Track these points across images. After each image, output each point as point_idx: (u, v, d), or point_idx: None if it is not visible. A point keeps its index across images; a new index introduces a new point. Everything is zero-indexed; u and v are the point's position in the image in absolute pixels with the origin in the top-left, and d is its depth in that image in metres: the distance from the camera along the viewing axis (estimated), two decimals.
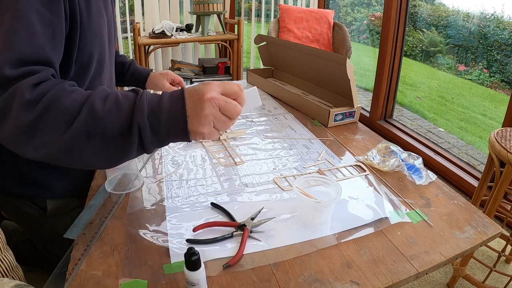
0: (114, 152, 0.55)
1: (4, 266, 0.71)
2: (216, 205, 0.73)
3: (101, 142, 0.54)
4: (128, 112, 0.55)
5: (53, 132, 0.53)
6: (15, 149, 0.55)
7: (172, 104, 0.56)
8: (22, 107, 0.52)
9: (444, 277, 1.39)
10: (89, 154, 0.55)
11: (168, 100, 0.57)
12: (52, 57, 0.60)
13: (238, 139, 1.03)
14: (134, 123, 0.54)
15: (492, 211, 1.19)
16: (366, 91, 4.15)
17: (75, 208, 0.89)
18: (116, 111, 0.54)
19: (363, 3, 5.52)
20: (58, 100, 0.53)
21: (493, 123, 3.27)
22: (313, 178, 0.74)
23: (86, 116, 0.53)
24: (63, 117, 0.53)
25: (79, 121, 0.52)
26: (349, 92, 1.13)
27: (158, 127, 0.55)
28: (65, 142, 0.53)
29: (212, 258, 0.60)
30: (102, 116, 0.53)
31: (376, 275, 0.58)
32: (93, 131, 0.53)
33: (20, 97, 0.52)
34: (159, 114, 0.55)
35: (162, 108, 0.56)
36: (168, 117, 0.56)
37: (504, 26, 3.27)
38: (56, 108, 0.53)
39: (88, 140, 0.53)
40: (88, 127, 0.53)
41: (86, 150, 0.54)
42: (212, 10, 2.60)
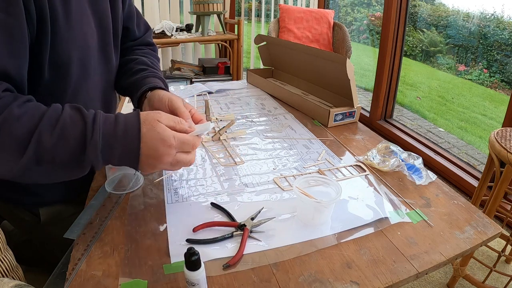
0: (64, 173, 0.57)
1: (4, 266, 0.71)
2: (216, 205, 0.73)
3: (52, 168, 0.55)
4: (79, 145, 0.55)
5: (3, 159, 0.52)
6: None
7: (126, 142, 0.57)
8: None
9: (444, 277, 1.39)
10: (40, 176, 0.56)
11: (123, 138, 0.57)
12: (7, 65, 0.58)
13: (238, 139, 1.03)
14: (86, 158, 0.55)
15: (492, 211, 1.19)
16: (366, 91, 4.15)
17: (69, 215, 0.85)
18: (64, 144, 0.54)
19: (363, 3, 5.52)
20: (8, 123, 0.52)
21: (493, 123, 3.27)
22: (313, 178, 0.74)
23: (35, 149, 0.53)
24: (13, 146, 0.52)
25: (28, 153, 0.52)
26: (349, 92, 1.13)
27: (112, 160, 0.58)
28: (16, 170, 0.53)
29: (212, 258, 0.60)
30: (51, 149, 0.53)
31: (376, 275, 0.58)
32: (43, 160, 0.53)
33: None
34: (113, 151, 0.57)
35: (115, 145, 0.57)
36: (120, 155, 0.57)
37: (504, 26, 3.27)
38: (5, 135, 0.52)
39: (38, 166, 0.54)
40: (37, 157, 0.53)
41: (37, 173, 0.55)
42: (212, 10, 2.60)
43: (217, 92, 1.45)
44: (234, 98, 1.39)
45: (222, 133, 1.03)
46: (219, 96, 1.41)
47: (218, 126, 1.11)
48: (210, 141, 1.02)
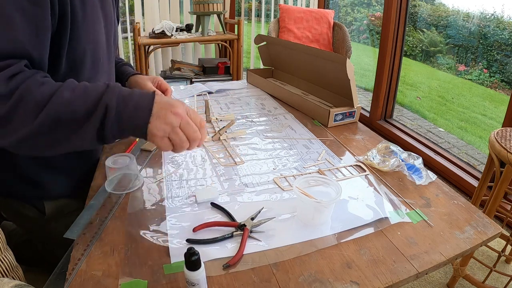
0: (80, 134, 0.59)
1: (4, 266, 0.71)
2: (216, 205, 0.73)
3: (69, 125, 0.58)
4: (98, 94, 0.59)
5: (23, 122, 0.56)
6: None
7: (142, 98, 0.62)
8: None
9: (444, 277, 1.39)
10: (62, 138, 0.59)
11: (139, 94, 0.62)
12: (30, 50, 0.62)
13: (238, 139, 1.03)
14: (102, 102, 0.58)
15: (492, 211, 1.19)
16: (366, 91, 4.15)
17: (73, 211, 0.88)
18: (84, 96, 0.59)
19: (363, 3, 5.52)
20: (30, 93, 0.57)
21: (493, 123, 3.27)
22: (313, 178, 0.74)
23: (55, 104, 0.57)
24: (33, 108, 0.56)
25: (46, 111, 0.56)
26: (349, 92, 1.13)
27: (123, 112, 0.59)
28: (34, 130, 0.56)
29: (212, 258, 0.60)
30: (70, 102, 0.58)
31: (376, 275, 0.58)
32: (60, 117, 0.57)
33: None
34: (128, 101, 0.60)
35: (132, 97, 0.61)
36: (135, 106, 0.60)
37: (504, 26, 3.27)
38: (27, 101, 0.56)
39: (57, 124, 0.57)
40: (56, 114, 0.57)
41: (57, 134, 0.58)
42: (212, 10, 2.60)
43: (217, 92, 1.45)
44: (234, 98, 1.39)
45: (222, 133, 1.03)
46: (219, 96, 1.41)
47: (218, 126, 1.11)
48: (210, 141, 1.02)
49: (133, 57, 2.89)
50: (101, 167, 0.87)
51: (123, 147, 0.97)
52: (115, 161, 0.81)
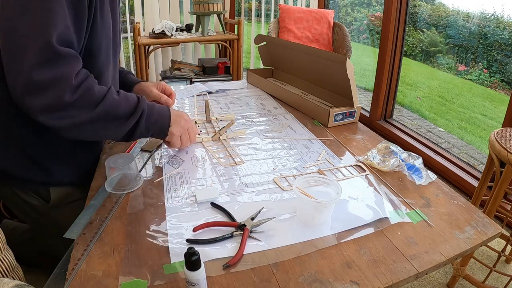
0: (118, 128, 0.77)
1: (4, 266, 0.71)
2: (216, 205, 0.73)
3: (113, 120, 0.75)
4: (135, 101, 0.80)
5: (84, 110, 0.70)
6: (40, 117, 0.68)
7: (162, 109, 0.87)
8: (68, 89, 0.67)
9: (444, 277, 1.39)
10: (103, 128, 0.75)
11: (159, 106, 0.87)
12: (78, 43, 0.74)
13: (238, 139, 1.03)
14: (139, 107, 0.79)
15: (492, 211, 1.19)
16: (366, 91, 4.15)
17: (77, 200, 0.91)
18: (125, 100, 0.78)
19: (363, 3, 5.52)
20: (92, 88, 0.72)
21: (493, 123, 3.27)
22: (313, 178, 0.74)
23: (108, 101, 0.74)
24: (94, 101, 0.72)
25: (103, 105, 0.73)
26: (349, 92, 1.13)
27: (151, 117, 0.82)
28: (89, 119, 0.71)
29: (212, 258, 0.60)
30: (118, 102, 0.76)
31: (376, 275, 0.58)
32: (110, 113, 0.74)
33: (68, 81, 0.67)
34: (153, 109, 0.83)
35: (155, 107, 0.85)
36: (158, 113, 0.85)
37: (504, 26, 3.26)
38: (89, 94, 0.71)
39: (106, 118, 0.74)
40: (108, 109, 0.73)
41: (102, 125, 0.74)
42: (212, 10, 2.60)
43: (217, 92, 1.45)
44: (234, 98, 1.39)
45: (222, 133, 1.03)
46: (219, 96, 1.41)
47: (218, 126, 1.11)
48: (210, 141, 1.02)
49: (133, 57, 2.89)
50: (101, 167, 0.87)
51: (123, 147, 0.97)
52: (115, 161, 0.81)
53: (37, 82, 0.65)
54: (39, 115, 0.67)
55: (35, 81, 0.64)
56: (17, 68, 0.65)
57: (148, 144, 0.98)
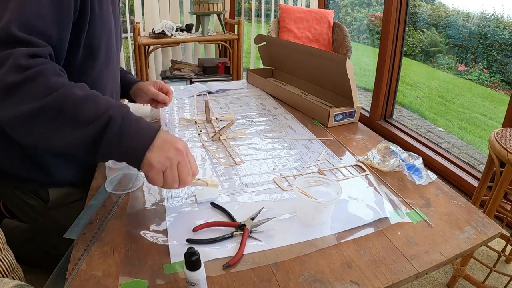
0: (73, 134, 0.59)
1: (4, 266, 0.71)
2: (216, 205, 0.73)
3: (68, 121, 0.58)
4: (107, 105, 0.60)
5: (30, 97, 0.57)
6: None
7: (147, 126, 0.62)
8: (12, 68, 0.56)
9: (444, 277, 1.39)
10: (52, 129, 0.59)
11: (145, 122, 0.63)
12: (53, 34, 0.65)
13: (238, 139, 1.03)
14: (107, 113, 0.59)
15: (492, 211, 1.19)
16: (366, 91, 4.15)
17: (76, 200, 0.91)
18: (93, 101, 0.60)
19: (363, 3, 5.52)
20: (45, 75, 0.59)
21: (493, 123, 3.27)
22: (313, 178, 0.74)
23: (63, 96, 0.58)
24: (43, 89, 0.58)
25: (54, 97, 0.58)
26: (349, 92, 1.13)
27: (125, 131, 0.60)
28: (36, 109, 0.57)
29: (212, 258, 0.60)
30: (79, 100, 0.59)
31: (376, 275, 0.58)
32: (64, 109, 0.58)
33: (15, 60, 0.57)
34: (133, 123, 0.61)
35: (138, 122, 0.62)
36: (138, 130, 0.61)
37: (504, 26, 3.26)
38: (40, 81, 0.58)
39: (57, 114, 0.58)
40: (61, 104, 0.58)
41: (51, 125, 0.58)
42: (212, 10, 2.60)
43: (217, 92, 1.45)
44: (234, 98, 1.39)
45: (222, 133, 1.03)
46: (219, 96, 1.41)
47: (218, 126, 1.11)
48: (210, 141, 1.02)
49: (133, 57, 2.89)
50: (101, 167, 0.87)
51: None
52: (115, 161, 0.81)
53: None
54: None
55: None
56: None
57: None
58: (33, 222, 0.98)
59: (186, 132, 1.07)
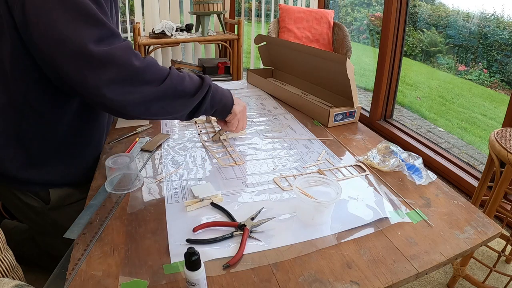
0: (184, 105, 0.79)
1: (4, 266, 0.71)
2: (216, 205, 0.73)
3: (180, 96, 0.77)
4: (199, 79, 0.82)
5: (152, 80, 0.71)
6: (107, 93, 0.66)
7: (224, 90, 0.90)
8: (132, 56, 0.68)
9: (444, 277, 1.39)
10: (170, 105, 0.76)
11: (221, 87, 0.89)
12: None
13: (238, 139, 1.03)
14: (205, 83, 0.81)
15: (492, 211, 1.19)
16: (366, 91, 4.14)
17: (76, 201, 0.91)
18: (189, 78, 0.79)
19: (363, 3, 5.52)
20: (155, 63, 0.73)
21: (493, 123, 3.27)
22: (313, 178, 0.74)
23: (174, 77, 0.74)
24: (159, 75, 0.72)
25: (170, 79, 0.73)
26: (349, 92, 1.13)
27: (217, 94, 0.85)
28: (157, 93, 0.72)
29: (212, 258, 0.60)
30: (182, 78, 0.77)
31: (376, 275, 0.58)
32: (177, 88, 0.75)
33: (129, 51, 0.68)
34: (217, 88, 0.87)
35: (218, 87, 0.88)
36: (222, 92, 0.89)
37: (504, 26, 3.26)
38: (155, 67, 0.72)
39: (173, 93, 0.75)
40: (174, 84, 0.74)
41: (169, 102, 0.75)
42: (212, 10, 2.60)
43: None
44: None
45: (222, 133, 1.03)
46: None
47: (218, 126, 1.11)
48: (210, 141, 1.02)
49: None
50: (101, 167, 0.87)
51: (123, 147, 0.97)
52: (115, 161, 0.81)
53: (101, 54, 0.64)
54: (107, 90, 0.66)
55: (98, 53, 0.64)
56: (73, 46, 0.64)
57: (148, 144, 0.98)
58: (33, 223, 0.98)
59: (186, 132, 1.07)
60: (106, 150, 0.95)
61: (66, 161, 0.88)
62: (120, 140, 1.01)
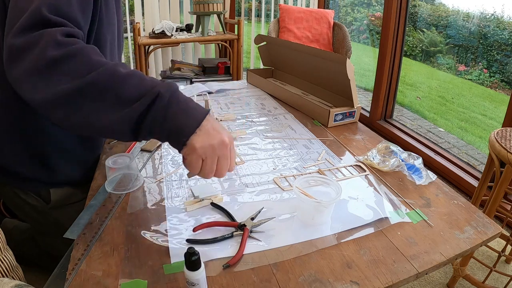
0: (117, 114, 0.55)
1: (4, 266, 0.71)
2: (216, 205, 0.73)
3: (112, 100, 0.54)
4: (154, 82, 0.56)
5: (72, 73, 0.53)
6: (24, 88, 0.55)
7: (197, 107, 0.58)
8: (51, 44, 0.53)
9: (444, 277, 1.39)
10: (96, 110, 0.54)
11: (195, 104, 0.59)
12: (81, 23, 0.64)
13: (238, 139, 1.03)
14: (155, 89, 0.55)
15: (492, 211, 1.19)
16: (366, 91, 4.14)
17: (76, 201, 0.91)
18: (139, 79, 0.56)
19: (363, 3, 5.52)
20: (86, 53, 0.55)
21: (493, 123, 3.27)
22: (313, 178, 0.74)
23: (106, 73, 0.54)
24: (85, 67, 0.54)
25: (97, 74, 0.54)
26: (349, 92, 1.13)
27: (173, 108, 0.55)
28: (79, 87, 0.53)
29: (212, 258, 0.60)
30: (124, 78, 0.55)
31: (376, 275, 0.58)
32: (108, 87, 0.54)
33: (51, 37, 0.54)
34: (181, 102, 0.56)
35: (187, 102, 0.57)
36: (186, 110, 0.56)
37: (504, 26, 3.26)
38: (82, 58, 0.54)
39: (101, 92, 0.54)
40: (105, 81, 0.54)
41: (95, 104, 0.54)
42: (212, 10, 2.60)
43: (217, 92, 1.44)
44: (234, 98, 1.39)
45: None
46: (219, 96, 1.41)
47: None
48: None
49: (133, 57, 2.89)
50: (101, 167, 0.87)
51: (123, 147, 0.97)
52: (115, 161, 0.81)
53: (19, 44, 0.54)
54: (23, 85, 0.55)
55: (17, 43, 0.54)
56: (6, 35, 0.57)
57: (148, 144, 0.98)
58: (35, 222, 0.98)
59: None
60: (106, 150, 0.95)
61: (67, 160, 0.88)
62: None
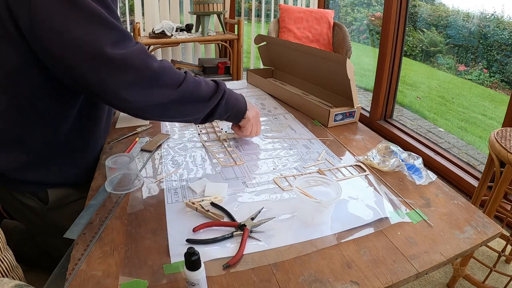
0: (200, 109, 0.80)
1: (4, 266, 0.71)
2: (216, 205, 0.73)
3: (196, 101, 0.78)
4: (214, 84, 0.83)
5: (168, 84, 0.72)
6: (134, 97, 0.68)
7: (237, 94, 0.91)
8: (150, 58, 0.69)
9: (444, 277, 1.39)
10: (186, 109, 0.77)
11: (235, 92, 0.91)
12: None
13: (238, 139, 1.03)
14: (220, 88, 0.83)
15: (492, 211, 1.19)
16: (366, 91, 4.14)
17: (74, 201, 0.91)
18: (204, 83, 0.80)
19: (363, 3, 5.52)
20: (168, 64, 0.73)
21: (493, 123, 3.27)
22: (313, 178, 0.74)
23: (189, 81, 0.76)
24: (176, 77, 0.73)
25: (186, 85, 0.74)
26: (349, 92, 1.13)
27: (230, 99, 0.86)
28: (175, 96, 0.73)
29: (212, 258, 0.60)
30: (198, 83, 0.78)
31: (376, 275, 0.58)
32: (193, 92, 0.76)
33: (148, 53, 0.69)
34: (231, 93, 0.88)
35: (232, 92, 0.88)
36: (236, 97, 0.90)
37: (504, 26, 3.26)
38: (172, 70, 0.73)
39: (190, 97, 0.76)
40: (190, 89, 0.75)
41: (186, 106, 0.77)
42: (212, 10, 2.60)
43: None
44: None
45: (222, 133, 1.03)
46: None
47: (218, 126, 1.11)
48: (210, 141, 1.02)
49: None
50: (101, 167, 0.87)
51: (123, 147, 0.97)
52: (115, 161, 0.81)
53: (118, 58, 0.64)
54: (124, 91, 0.67)
55: (115, 56, 0.64)
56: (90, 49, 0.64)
57: (148, 144, 0.98)
58: (33, 224, 0.98)
59: (186, 132, 1.07)
60: (106, 150, 0.95)
61: (66, 162, 0.88)
62: (120, 140, 1.01)
